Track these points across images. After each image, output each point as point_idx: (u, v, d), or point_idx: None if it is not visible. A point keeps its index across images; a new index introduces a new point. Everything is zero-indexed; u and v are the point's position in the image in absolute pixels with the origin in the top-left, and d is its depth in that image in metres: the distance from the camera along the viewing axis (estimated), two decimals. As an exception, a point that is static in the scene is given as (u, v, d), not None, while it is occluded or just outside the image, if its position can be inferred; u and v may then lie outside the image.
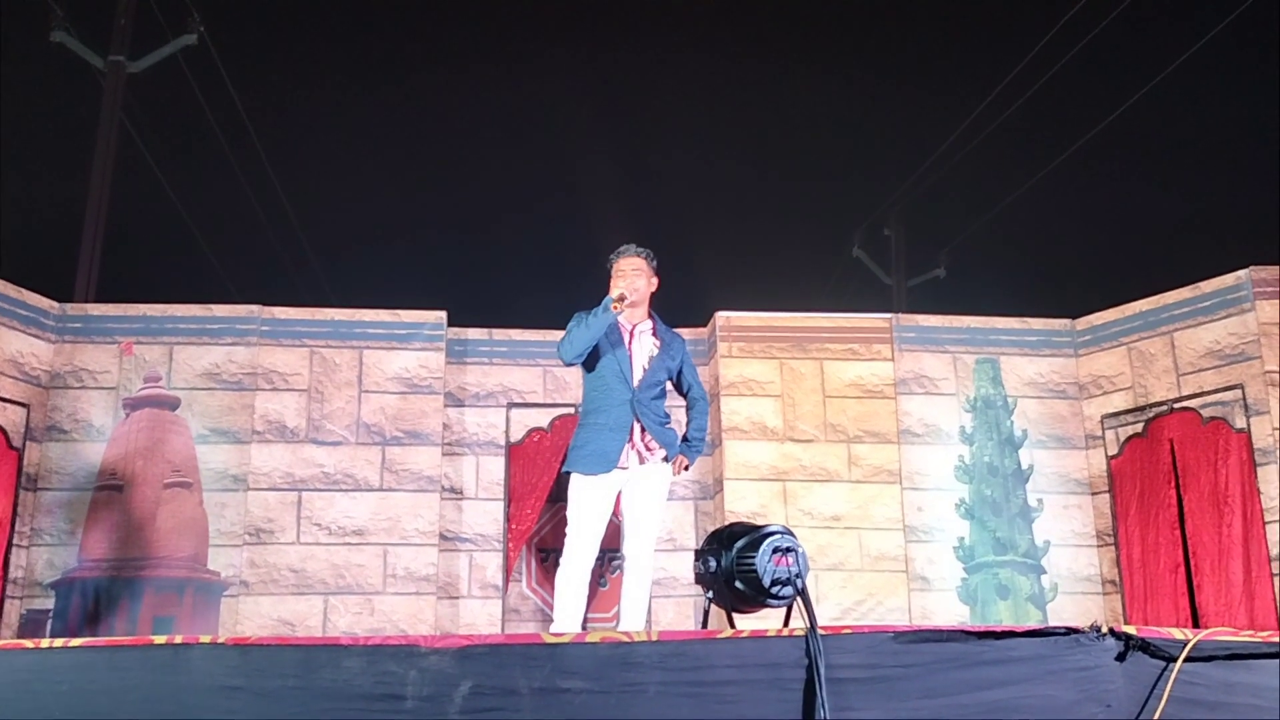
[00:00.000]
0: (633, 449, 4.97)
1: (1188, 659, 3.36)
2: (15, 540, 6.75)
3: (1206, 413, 7.02)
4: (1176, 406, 7.15)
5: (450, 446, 7.41)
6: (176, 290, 8.38)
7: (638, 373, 5.04)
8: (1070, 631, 3.41)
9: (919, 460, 7.41)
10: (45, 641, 4.60)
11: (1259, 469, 6.71)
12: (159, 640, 3.62)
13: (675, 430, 5.12)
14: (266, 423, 7.15)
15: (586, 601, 4.95)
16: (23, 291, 7.10)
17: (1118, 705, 3.34)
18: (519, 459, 7.44)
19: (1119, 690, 3.36)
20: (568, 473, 5.07)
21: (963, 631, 3.48)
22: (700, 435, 5.23)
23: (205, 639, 3.56)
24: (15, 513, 6.76)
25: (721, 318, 7.58)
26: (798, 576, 4.06)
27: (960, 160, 14.90)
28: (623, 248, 5.19)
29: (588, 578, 4.93)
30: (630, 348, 5.07)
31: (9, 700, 3.45)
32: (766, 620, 4.18)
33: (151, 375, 7.17)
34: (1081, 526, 7.40)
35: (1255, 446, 6.75)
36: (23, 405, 6.92)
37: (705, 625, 4.89)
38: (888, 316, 7.88)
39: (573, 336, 4.98)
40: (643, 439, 4.99)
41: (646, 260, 5.16)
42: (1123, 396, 7.43)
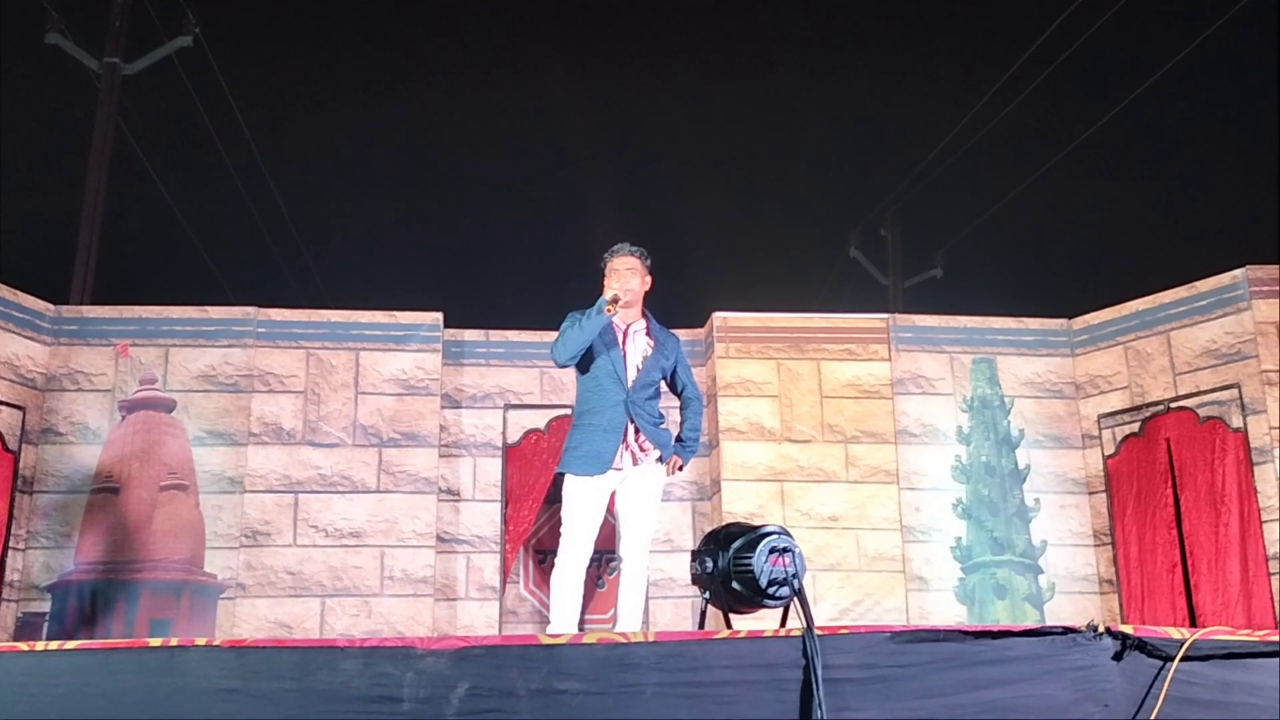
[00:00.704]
0: (626, 450, 4.95)
1: (1185, 658, 3.36)
2: (11, 543, 6.74)
3: (1203, 412, 7.02)
4: (1173, 406, 7.16)
5: (447, 448, 7.40)
6: (172, 292, 8.35)
7: (631, 373, 5.01)
8: (1067, 631, 3.41)
9: (916, 460, 7.41)
10: (41, 644, 4.59)
11: (1255, 468, 6.72)
12: (155, 643, 3.62)
13: (670, 431, 5.11)
14: (263, 425, 7.15)
15: (583, 603, 4.94)
16: (18, 294, 7.09)
17: (1115, 705, 3.34)
18: (516, 460, 7.44)
19: (1116, 690, 3.35)
20: (561, 474, 5.06)
21: (960, 631, 3.47)
22: (695, 435, 5.21)
23: (201, 641, 3.56)
24: (11, 516, 6.75)
25: (719, 318, 7.58)
26: (795, 577, 4.05)
27: (957, 160, 14.92)
28: (617, 246, 5.16)
29: (583, 578, 4.92)
30: (624, 348, 5.05)
31: (5, 704, 3.45)
32: (764, 621, 4.17)
33: (147, 377, 7.16)
34: (1078, 526, 7.41)
35: (1252, 446, 6.75)
36: (18, 408, 6.91)
37: (702, 626, 4.88)
38: (885, 317, 7.88)
39: (566, 338, 4.95)
40: (636, 440, 4.97)
41: (641, 259, 5.13)
42: (1119, 396, 7.43)
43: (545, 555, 7.28)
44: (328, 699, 3.36)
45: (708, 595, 4.37)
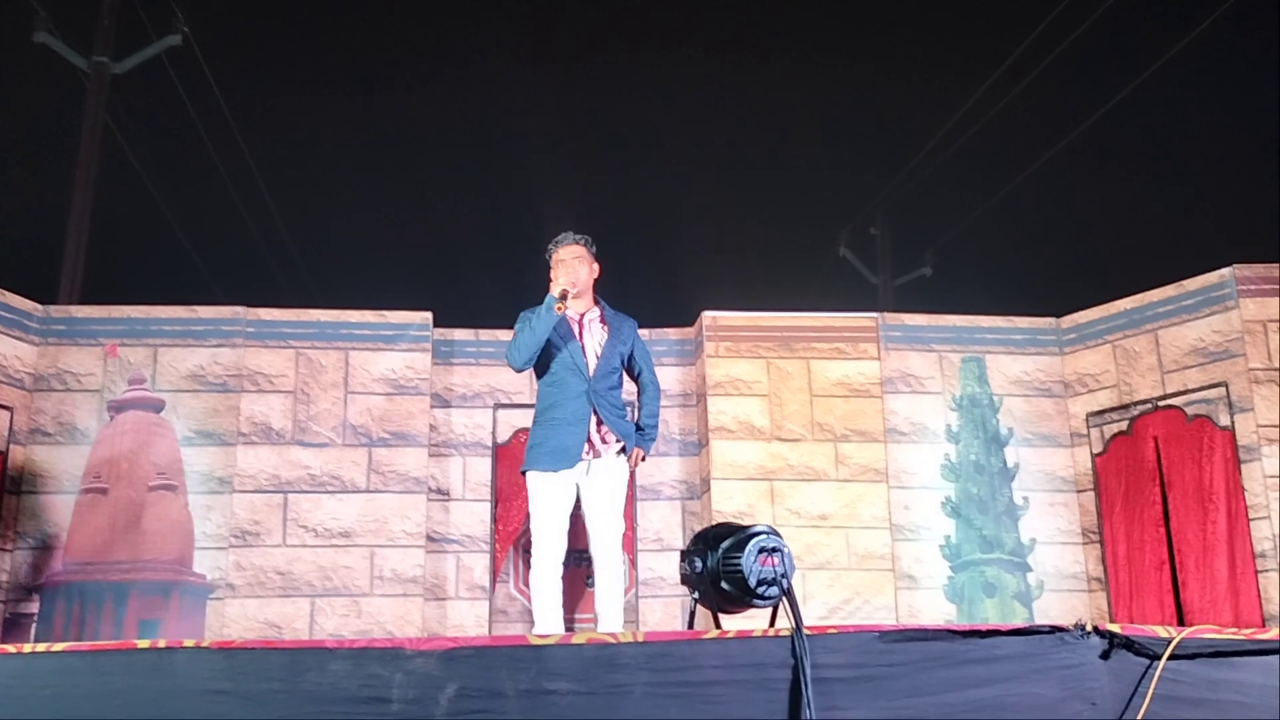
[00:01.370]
0: (588, 442, 4.90)
1: (1172, 656, 3.37)
2: (-1, 544, 6.72)
3: (1191, 410, 7.04)
4: (1161, 404, 7.18)
5: (437, 448, 7.40)
6: (161, 292, 8.31)
7: (592, 362, 4.95)
8: (1055, 630, 3.41)
9: (905, 459, 7.43)
10: (29, 646, 4.58)
11: (1243, 466, 6.74)
12: (143, 644, 3.60)
13: (632, 423, 5.06)
14: (252, 424, 7.13)
15: (572, 603, 4.93)
16: (6, 294, 7.06)
17: (1102, 703, 3.35)
18: (506, 460, 7.43)
19: (1104, 688, 3.36)
20: (525, 473, 4.99)
21: (948, 630, 3.48)
22: (653, 421, 5.14)
23: (190, 643, 3.54)
24: (-1, 516, 6.73)
25: (708, 317, 7.59)
26: (783, 577, 4.06)
27: (946, 159, 14.96)
28: (560, 236, 5.07)
29: (560, 574, 4.87)
30: (581, 339, 4.99)
31: (-7, 706, 3.44)
32: (753, 620, 4.18)
33: (136, 377, 7.14)
34: (1067, 524, 7.43)
35: (1239, 444, 6.78)
36: (6, 408, 6.89)
37: (691, 626, 4.87)
38: (874, 315, 7.89)
39: (519, 342, 4.87)
40: (599, 431, 4.93)
41: (586, 246, 5.04)
42: (1107, 394, 7.45)
43: (535, 555, 7.28)
44: (317, 700, 3.36)
45: (697, 595, 4.37)
